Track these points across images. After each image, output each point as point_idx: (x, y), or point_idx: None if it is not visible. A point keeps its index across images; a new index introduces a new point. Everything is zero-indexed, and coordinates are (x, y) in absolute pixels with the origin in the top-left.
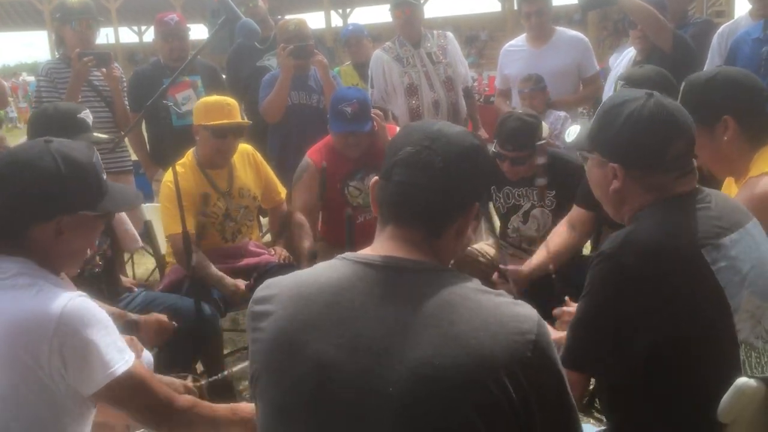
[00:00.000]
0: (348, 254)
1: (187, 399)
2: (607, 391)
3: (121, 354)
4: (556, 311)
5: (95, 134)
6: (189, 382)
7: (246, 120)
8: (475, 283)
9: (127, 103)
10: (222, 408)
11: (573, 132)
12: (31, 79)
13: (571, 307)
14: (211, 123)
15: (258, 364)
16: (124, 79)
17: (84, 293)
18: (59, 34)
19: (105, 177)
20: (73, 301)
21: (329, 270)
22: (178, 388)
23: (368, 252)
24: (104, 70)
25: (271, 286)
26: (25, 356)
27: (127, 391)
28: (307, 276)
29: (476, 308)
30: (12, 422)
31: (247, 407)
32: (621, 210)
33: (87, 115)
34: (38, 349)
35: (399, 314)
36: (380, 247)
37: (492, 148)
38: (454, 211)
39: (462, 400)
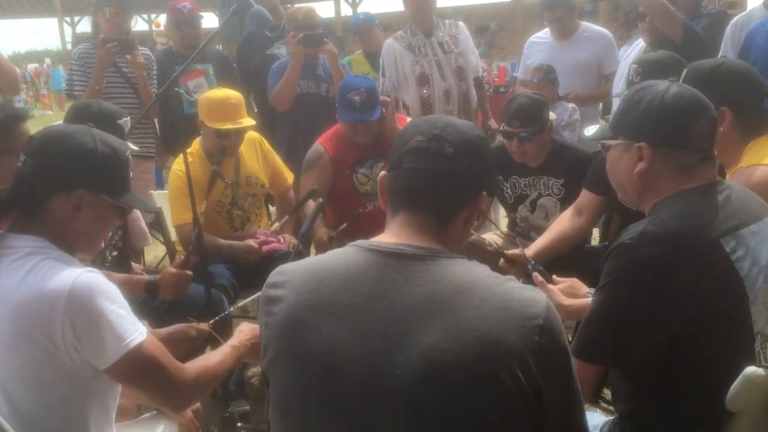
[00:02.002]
0: (360, 241)
1: (194, 369)
2: (619, 380)
3: (134, 327)
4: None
5: (129, 144)
6: (197, 325)
7: (252, 113)
8: (485, 270)
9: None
10: (224, 351)
11: (592, 128)
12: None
13: (560, 285)
14: (214, 126)
15: (271, 348)
16: (155, 66)
17: (94, 269)
18: (95, 21)
19: (131, 176)
20: (81, 276)
21: (341, 256)
22: (188, 333)
23: (380, 239)
24: (128, 56)
25: (284, 271)
26: (39, 335)
27: (141, 365)
28: (320, 262)
29: (486, 294)
30: (36, 402)
31: (245, 329)
32: (644, 196)
33: (126, 123)
34: (51, 326)
35: (411, 300)
36: (391, 235)
37: (500, 128)
38: (463, 198)
39: (473, 386)
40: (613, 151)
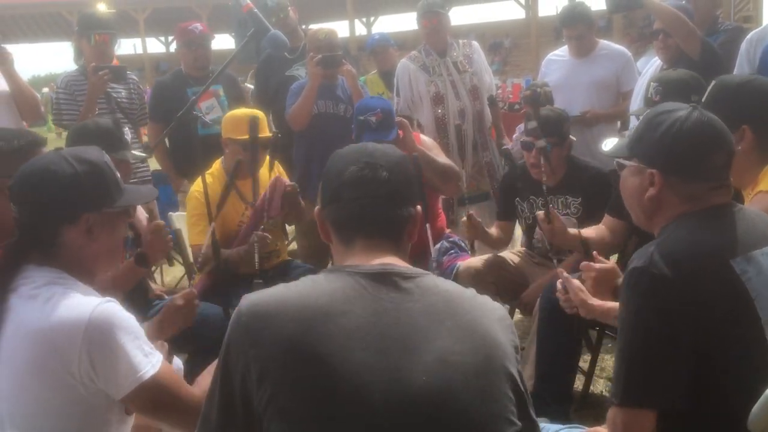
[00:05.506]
0: (340, 266)
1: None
2: None
3: (148, 358)
4: (582, 265)
5: (133, 152)
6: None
7: (273, 131)
8: (451, 282)
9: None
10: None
11: (610, 142)
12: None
13: (599, 264)
14: (241, 137)
15: (272, 383)
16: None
17: (112, 299)
18: (78, 46)
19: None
20: (100, 306)
21: (328, 282)
22: (175, 304)
23: (357, 263)
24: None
25: (264, 302)
26: (56, 364)
27: (155, 396)
28: (308, 289)
29: (471, 302)
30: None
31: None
32: (652, 220)
33: (126, 133)
34: (68, 356)
35: (411, 314)
36: (363, 259)
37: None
38: (405, 215)
39: (492, 380)
40: (627, 171)
